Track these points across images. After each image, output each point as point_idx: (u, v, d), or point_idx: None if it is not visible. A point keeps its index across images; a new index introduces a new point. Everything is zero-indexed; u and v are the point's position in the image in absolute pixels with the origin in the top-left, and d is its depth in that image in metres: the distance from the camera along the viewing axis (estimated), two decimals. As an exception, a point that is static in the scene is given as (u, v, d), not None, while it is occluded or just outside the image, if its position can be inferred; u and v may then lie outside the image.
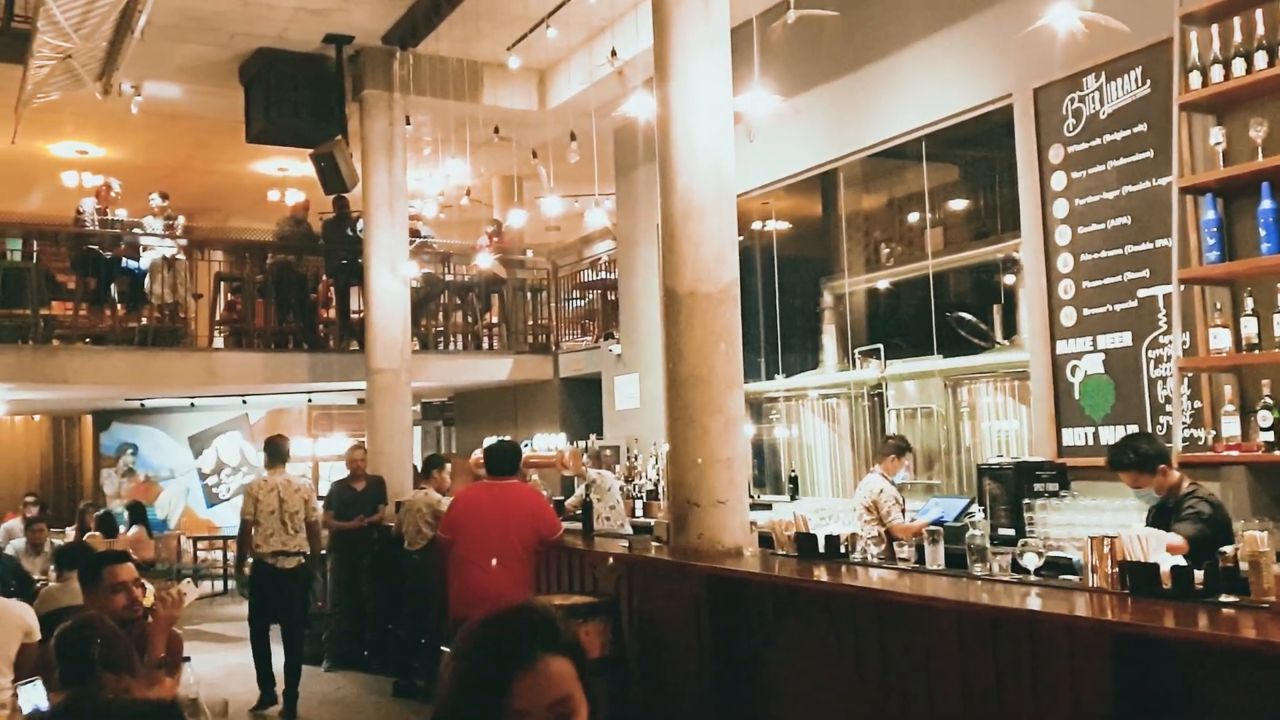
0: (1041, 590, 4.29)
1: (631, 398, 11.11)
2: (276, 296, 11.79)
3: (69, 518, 14.89)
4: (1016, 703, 3.98)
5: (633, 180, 11.15)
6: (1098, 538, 4.18)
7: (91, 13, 7.97)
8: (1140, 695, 3.62)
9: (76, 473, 18.90)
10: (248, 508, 7.94)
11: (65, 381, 10.72)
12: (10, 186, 13.22)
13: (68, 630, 3.29)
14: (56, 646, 3.27)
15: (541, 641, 1.57)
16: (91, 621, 3.33)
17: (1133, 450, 5.02)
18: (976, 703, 4.16)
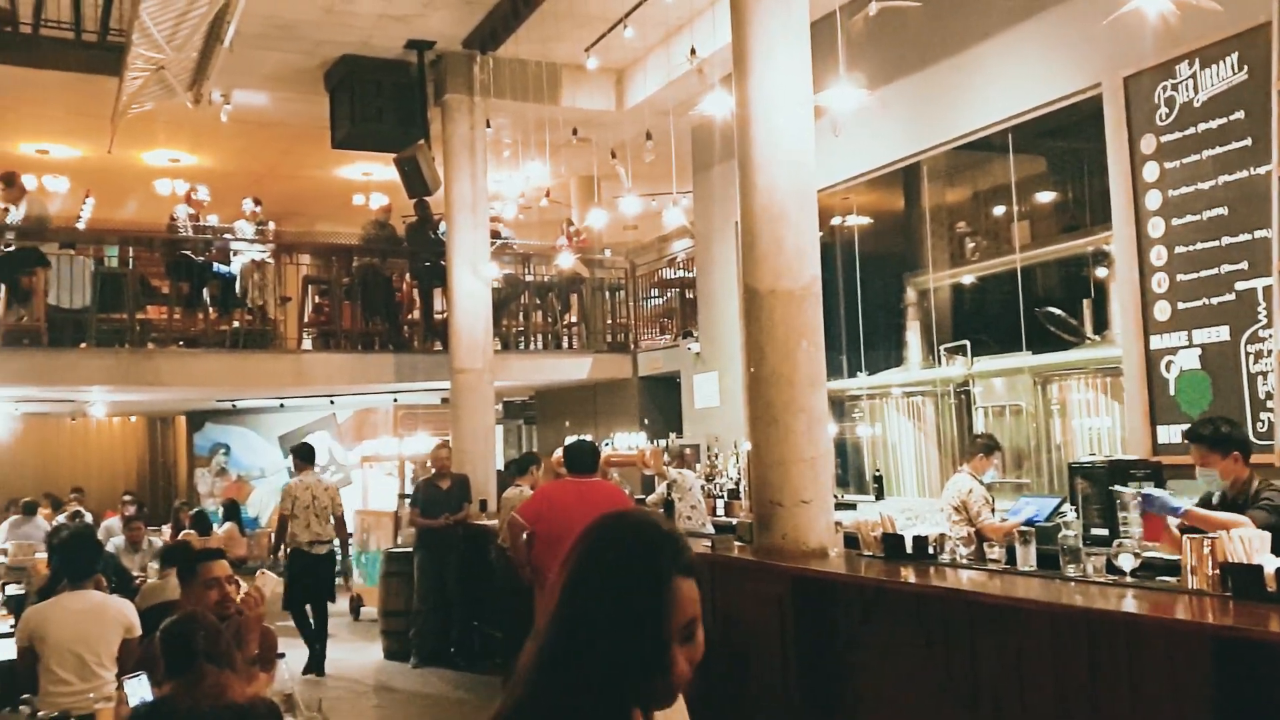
0: (1138, 592, 4.18)
1: (711, 396, 11.08)
2: (363, 299, 11.98)
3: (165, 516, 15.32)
4: (1112, 707, 3.89)
5: (710, 178, 11.12)
6: (1197, 538, 4.07)
7: (183, 24, 8.18)
8: (1243, 700, 3.50)
9: (171, 472, 19.47)
10: (286, 505, 9.27)
11: (160, 383, 11.03)
12: (107, 195, 13.63)
13: (172, 625, 3.37)
14: (161, 640, 3.35)
15: (673, 560, 1.51)
16: (195, 616, 3.41)
17: (1213, 426, 4.91)
18: (1071, 706, 4.07)
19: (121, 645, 4.94)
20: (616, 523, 1.59)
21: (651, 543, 1.55)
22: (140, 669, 3.93)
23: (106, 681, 4.82)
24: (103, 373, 10.70)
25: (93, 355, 10.58)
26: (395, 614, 9.72)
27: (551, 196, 11.23)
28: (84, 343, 10.61)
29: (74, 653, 4.82)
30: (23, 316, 10.50)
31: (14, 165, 11.78)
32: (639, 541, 1.55)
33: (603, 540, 1.56)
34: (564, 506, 6.21)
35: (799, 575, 5.31)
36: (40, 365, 10.36)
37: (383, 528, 11.81)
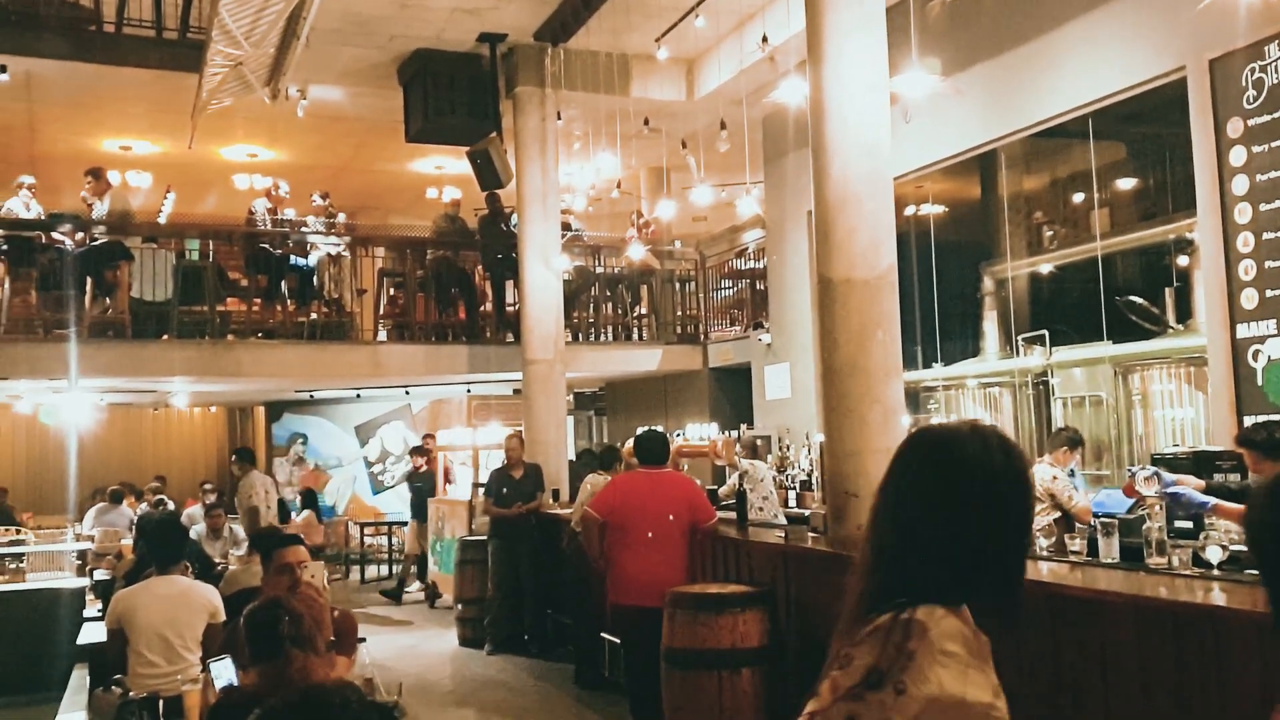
0: (1226, 585, 4.07)
1: (782, 387, 11.02)
2: (436, 291, 12.12)
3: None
4: (1200, 701, 3.79)
5: (782, 167, 11.04)
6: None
7: (261, 20, 8.33)
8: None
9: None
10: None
11: (240, 374, 11.26)
12: (187, 190, 13.93)
13: (256, 610, 3.43)
14: (246, 626, 3.42)
15: None
16: (278, 601, 3.47)
17: (1266, 431, 4.76)
18: (1155, 701, 3.97)
19: (206, 629, 5.07)
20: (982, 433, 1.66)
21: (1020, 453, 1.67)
22: (224, 653, 4.02)
23: (191, 664, 4.95)
24: (184, 364, 10.95)
25: (175, 347, 10.84)
26: (470, 601, 9.82)
27: (622, 188, 11.24)
28: (166, 335, 10.88)
29: (161, 636, 4.95)
30: (108, 309, 10.79)
31: (98, 161, 12.11)
32: (1014, 451, 1.65)
33: (980, 448, 1.62)
34: (636, 498, 6.23)
35: (874, 567, 5.25)
36: (125, 357, 10.64)
37: (457, 516, 11.93)
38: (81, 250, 10.53)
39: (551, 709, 7.46)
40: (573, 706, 7.49)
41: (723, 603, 5.64)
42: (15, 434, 18.70)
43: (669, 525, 6.16)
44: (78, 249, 10.52)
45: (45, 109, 11.70)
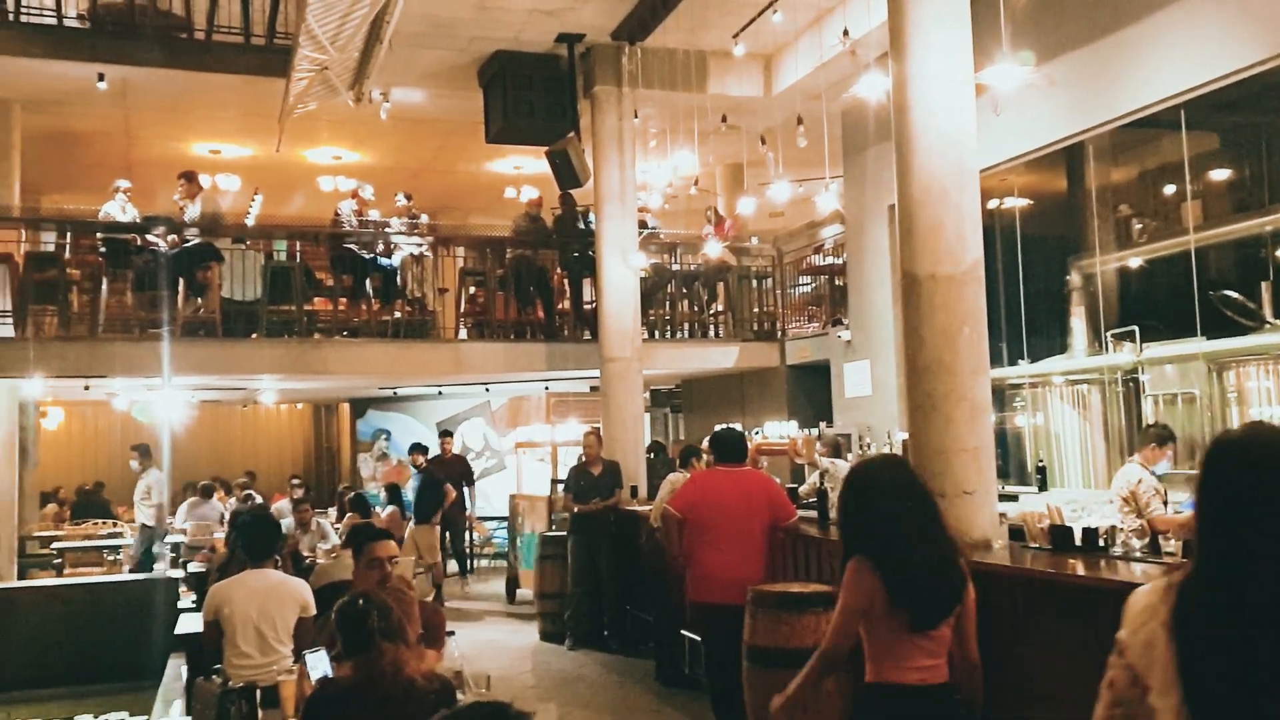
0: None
1: (862, 385, 10.92)
2: (515, 289, 12.23)
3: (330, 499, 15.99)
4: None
5: (862, 161, 10.94)
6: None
7: (345, 25, 8.49)
8: None
9: (336, 457, 20.29)
10: None
11: (326, 372, 11.49)
12: (275, 192, 14.24)
13: (346, 605, 3.50)
14: (337, 619, 3.49)
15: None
16: (368, 595, 3.54)
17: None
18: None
19: (297, 623, 5.18)
20: None
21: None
22: (317, 645, 4.11)
23: (284, 656, 5.07)
24: (273, 362, 11.21)
25: (264, 345, 11.10)
26: (550, 596, 9.91)
27: (699, 185, 11.23)
28: (255, 333, 11.14)
29: (255, 628, 5.07)
30: (200, 309, 11.09)
31: (189, 165, 12.44)
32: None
33: None
34: (716, 495, 6.22)
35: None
36: (215, 355, 10.92)
37: (537, 512, 12.05)
38: (174, 252, 10.83)
39: (632, 705, 7.50)
40: (653, 703, 7.52)
41: (805, 602, 5.61)
42: (111, 430, 19.32)
43: (749, 523, 6.14)
44: (171, 250, 10.83)
45: (140, 115, 12.05)
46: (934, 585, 3.29)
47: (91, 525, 14.37)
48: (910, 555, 3.27)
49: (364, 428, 16.70)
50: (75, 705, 9.01)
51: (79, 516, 14.83)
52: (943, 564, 3.34)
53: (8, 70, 10.53)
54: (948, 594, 3.32)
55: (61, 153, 12.96)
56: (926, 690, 3.28)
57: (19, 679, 9.50)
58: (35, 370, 10.28)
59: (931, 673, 3.30)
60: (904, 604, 3.24)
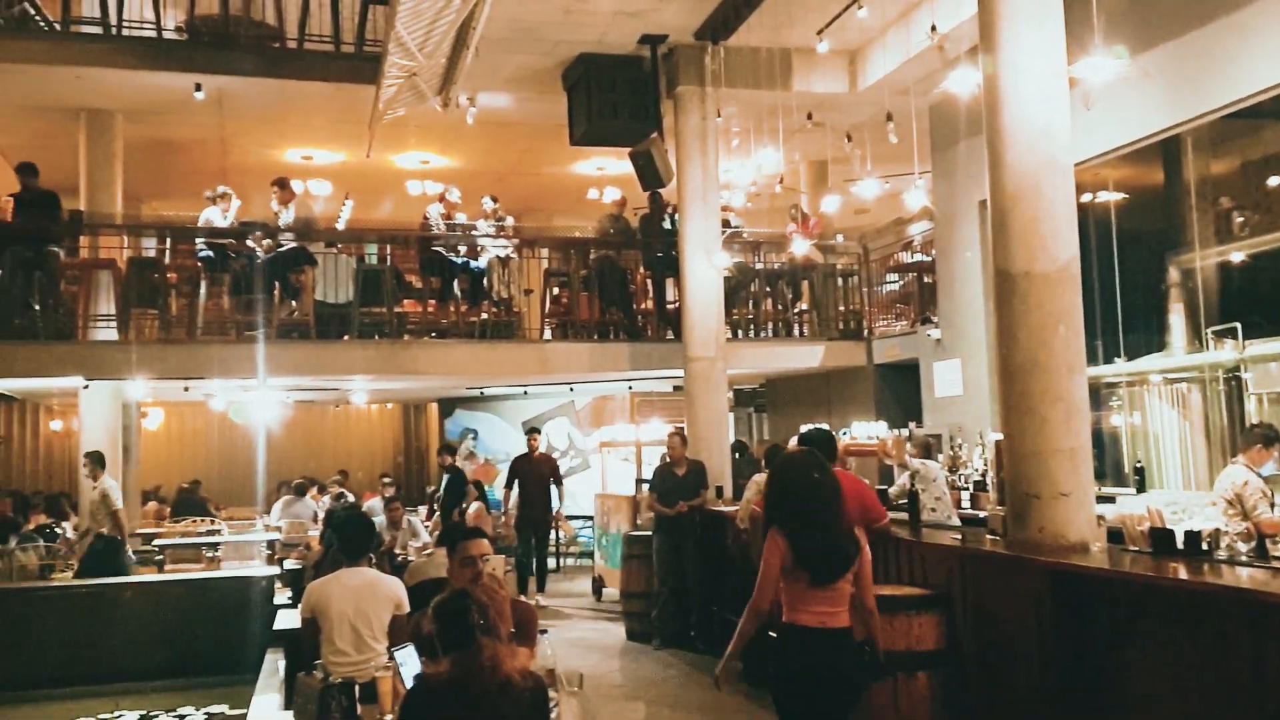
0: None
1: (953, 384, 10.75)
2: (599, 290, 12.30)
3: (419, 498, 16.25)
4: None
5: (951, 157, 10.77)
6: None
7: (433, 32, 8.62)
8: None
9: (424, 456, 20.61)
10: None
11: (416, 372, 11.67)
12: (365, 197, 14.53)
13: (445, 601, 3.53)
14: (436, 615, 3.51)
15: None
16: (466, 592, 3.56)
17: None
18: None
19: (392, 620, 5.26)
20: None
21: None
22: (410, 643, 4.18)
23: (379, 654, 5.14)
24: (364, 362, 11.42)
25: (355, 347, 11.32)
26: (636, 596, 9.94)
27: (784, 183, 11.17)
28: (347, 335, 11.36)
29: (351, 625, 5.16)
30: (294, 311, 11.35)
31: (283, 171, 12.75)
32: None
33: None
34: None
35: (1058, 570, 5.08)
36: (310, 356, 11.17)
37: (621, 511, 12.09)
38: (269, 256, 11.10)
39: (721, 706, 7.47)
40: (742, 704, 7.49)
41: (897, 605, 5.56)
42: (209, 430, 19.89)
43: (837, 523, 6.07)
44: (266, 255, 11.10)
45: (235, 123, 12.39)
46: (826, 553, 4.32)
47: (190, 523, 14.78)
48: (810, 530, 4.33)
49: (452, 427, 16.94)
50: (177, 697, 9.29)
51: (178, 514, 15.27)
52: (834, 539, 4.36)
53: (110, 82, 10.91)
54: (838, 560, 4.33)
55: (160, 161, 13.38)
56: (824, 631, 4.32)
57: (124, 671, 9.81)
58: (137, 372, 10.63)
59: (831, 618, 4.33)
60: (804, 565, 4.29)
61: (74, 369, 10.56)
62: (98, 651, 9.95)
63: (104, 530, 11.05)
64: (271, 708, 7.36)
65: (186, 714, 8.93)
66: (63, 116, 11.58)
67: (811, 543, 4.30)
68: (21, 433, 19.83)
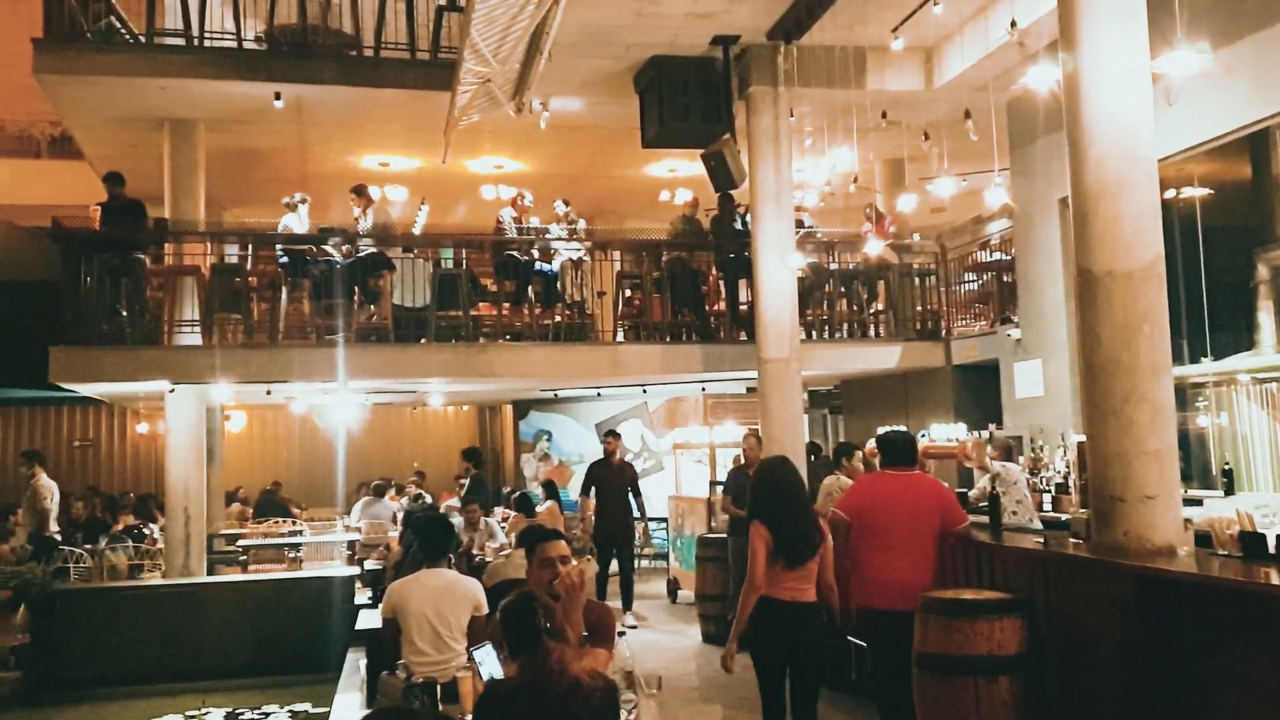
0: None
1: (1034, 385, 10.56)
2: (671, 291, 12.30)
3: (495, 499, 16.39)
4: None
5: (1030, 154, 10.59)
6: None
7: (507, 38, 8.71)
8: None
9: (499, 457, 20.81)
10: None
11: (491, 374, 11.78)
12: (441, 202, 14.70)
13: (511, 604, 3.56)
14: (503, 618, 3.55)
15: None
16: (531, 595, 3.59)
17: None
18: None
19: (471, 621, 5.32)
20: None
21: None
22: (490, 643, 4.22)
23: (458, 654, 5.21)
24: (441, 365, 11.56)
25: (433, 350, 11.46)
26: (711, 598, 9.93)
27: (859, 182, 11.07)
28: (424, 338, 11.51)
29: (431, 626, 5.23)
30: (373, 315, 11.54)
31: (360, 178, 12.97)
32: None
33: None
34: (884, 500, 6.12)
35: (1143, 575, 4.97)
36: (388, 360, 11.33)
37: (696, 513, 12.09)
38: (349, 261, 11.30)
39: (797, 709, 7.43)
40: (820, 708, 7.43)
41: (978, 609, 5.48)
42: (290, 433, 20.30)
43: (918, 528, 6.02)
44: (345, 260, 11.30)
45: (313, 130, 12.61)
46: (796, 542, 5.40)
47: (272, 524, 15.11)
48: (783, 524, 5.43)
49: (526, 429, 17.08)
50: (261, 695, 9.51)
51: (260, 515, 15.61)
52: (803, 530, 5.45)
53: (193, 92, 11.18)
54: (805, 548, 5.41)
55: (241, 169, 13.67)
56: (796, 604, 5.40)
57: (211, 669, 10.07)
58: (221, 376, 10.89)
59: (801, 593, 5.41)
60: (780, 551, 5.37)
61: (160, 373, 10.82)
62: (185, 649, 10.23)
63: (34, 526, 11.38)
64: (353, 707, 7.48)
65: (271, 712, 9.12)
66: (148, 127, 11.87)
67: (786, 532, 5.39)
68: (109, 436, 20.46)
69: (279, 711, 9.11)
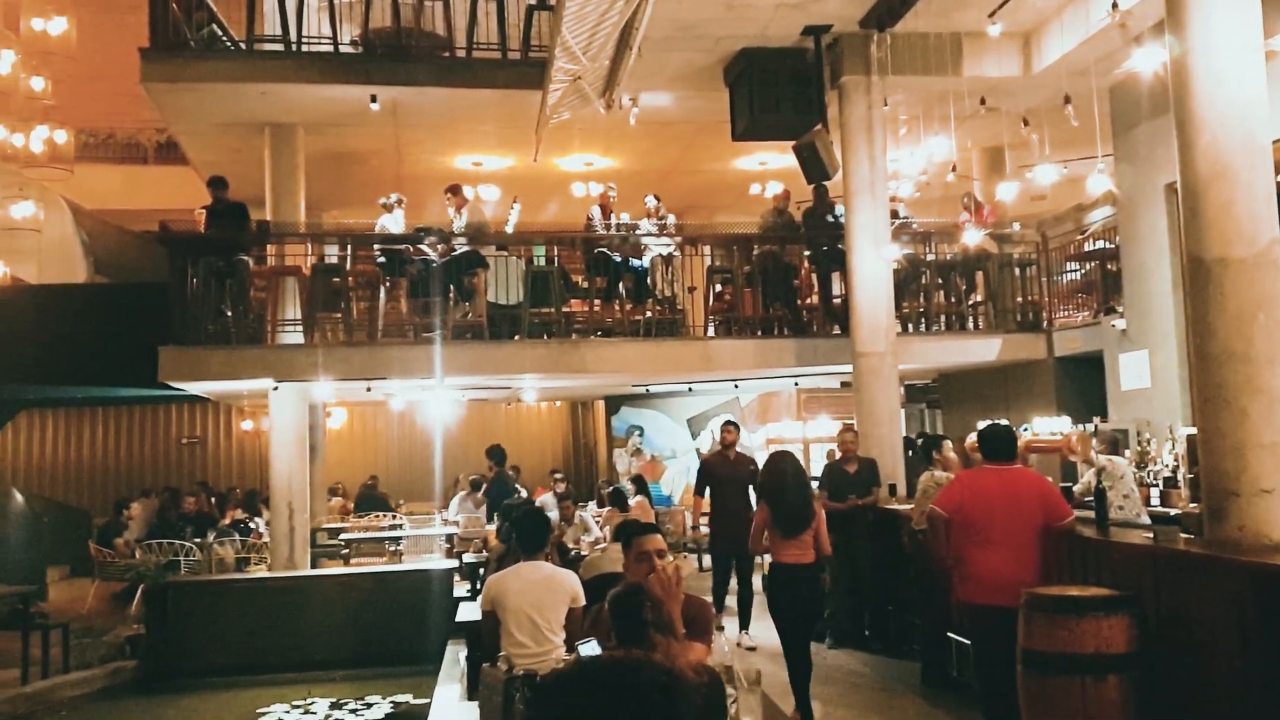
0: None
1: (1140, 377, 10.25)
2: (762, 285, 12.23)
3: (587, 493, 16.52)
4: None
5: (1133, 139, 10.28)
6: None
7: (597, 34, 8.74)
8: None
9: (592, 453, 20.95)
10: None
11: (584, 370, 11.84)
12: (532, 200, 14.82)
13: (620, 596, 3.57)
14: (612, 609, 3.56)
15: None
16: (640, 588, 3.60)
17: None
18: None
19: (568, 613, 5.36)
20: None
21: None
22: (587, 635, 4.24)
23: (556, 646, 5.25)
24: (535, 362, 11.66)
25: (526, 346, 11.57)
26: (806, 594, 9.81)
27: (956, 171, 10.85)
28: (518, 335, 11.63)
29: (530, 618, 5.28)
30: (468, 313, 11.69)
31: (454, 178, 13.14)
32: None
33: None
34: (985, 495, 5.99)
35: (1261, 571, 4.78)
36: (483, 356, 11.47)
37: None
38: (444, 260, 11.47)
39: (899, 707, 7.35)
40: (920, 705, 7.34)
41: (1084, 606, 5.33)
42: (389, 429, 20.70)
43: (1021, 523, 5.88)
44: (441, 259, 11.47)
45: (408, 131, 12.83)
46: (791, 517, 6.80)
47: (372, 518, 15.44)
48: (781, 504, 6.84)
49: (618, 424, 17.15)
50: (364, 686, 9.70)
51: (361, 510, 15.97)
52: (798, 509, 6.83)
53: (291, 96, 11.46)
54: (800, 522, 6.80)
55: (339, 171, 13.97)
56: (796, 565, 6.80)
57: (314, 661, 10.29)
58: (323, 374, 11.14)
59: (800, 557, 6.80)
60: (778, 524, 6.83)
61: (264, 372, 11.10)
62: (290, 640, 10.48)
63: None
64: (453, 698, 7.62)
65: (374, 703, 9.30)
66: (249, 131, 12.20)
67: (783, 511, 6.84)
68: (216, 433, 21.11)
69: (381, 702, 9.29)
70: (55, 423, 20.44)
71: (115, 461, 20.50)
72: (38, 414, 20.12)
